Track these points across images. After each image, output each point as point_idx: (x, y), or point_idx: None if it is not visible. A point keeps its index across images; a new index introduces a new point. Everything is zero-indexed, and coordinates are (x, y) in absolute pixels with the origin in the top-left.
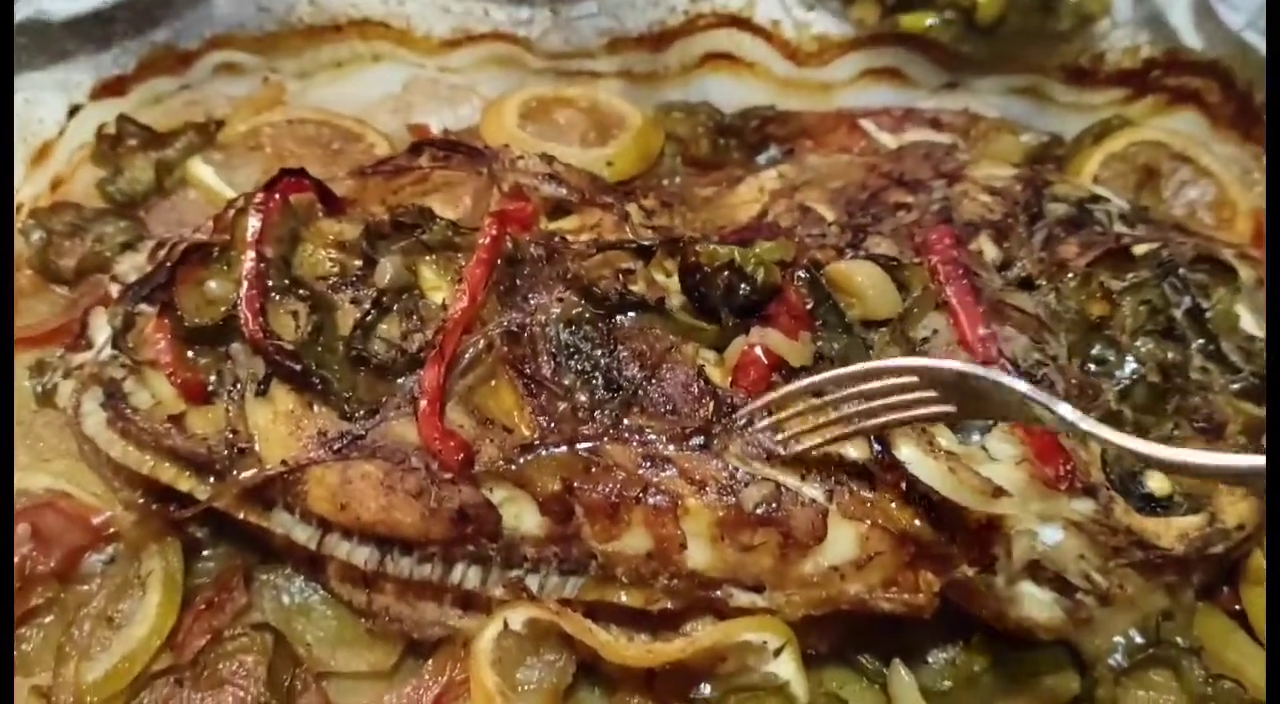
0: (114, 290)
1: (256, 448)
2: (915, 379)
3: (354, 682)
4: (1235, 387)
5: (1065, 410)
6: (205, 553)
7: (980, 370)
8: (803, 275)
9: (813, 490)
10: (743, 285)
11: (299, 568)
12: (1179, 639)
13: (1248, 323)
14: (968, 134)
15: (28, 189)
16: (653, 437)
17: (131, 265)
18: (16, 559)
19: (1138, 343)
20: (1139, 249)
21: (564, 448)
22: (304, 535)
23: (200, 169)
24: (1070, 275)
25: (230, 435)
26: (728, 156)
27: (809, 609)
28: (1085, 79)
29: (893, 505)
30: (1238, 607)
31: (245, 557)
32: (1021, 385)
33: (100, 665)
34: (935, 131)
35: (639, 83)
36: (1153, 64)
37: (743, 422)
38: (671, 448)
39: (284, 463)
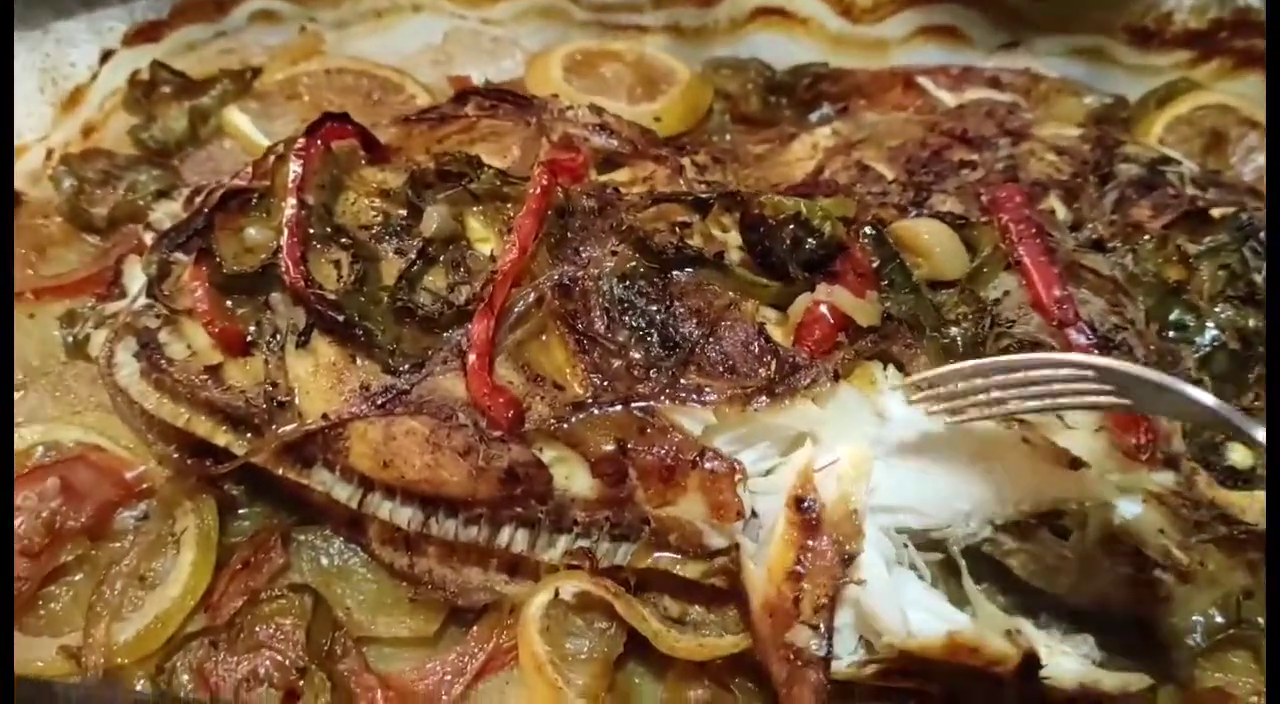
0: (148, 239)
1: (296, 401)
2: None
3: (395, 648)
4: None
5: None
6: (241, 511)
7: (1168, 380)
8: (869, 232)
9: None
10: (809, 240)
11: (339, 529)
12: (1260, 619)
13: None
14: (1028, 95)
15: (58, 135)
16: (712, 396)
17: (166, 213)
18: (46, 514)
19: (1217, 308)
20: (1216, 212)
21: (618, 407)
22: (345, 494)
23: (237, 117)
24: (1146, 237)
25: (269, 388)
26: (778, 114)
27: None
28: (1150, 40)
29: None
30: None
31: (283, 516)
32: (1209, 399)
33: (132, 626)
34: (995, 91)
35: (687, 38)
36: (1220, 25)
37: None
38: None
39: (325, 417)
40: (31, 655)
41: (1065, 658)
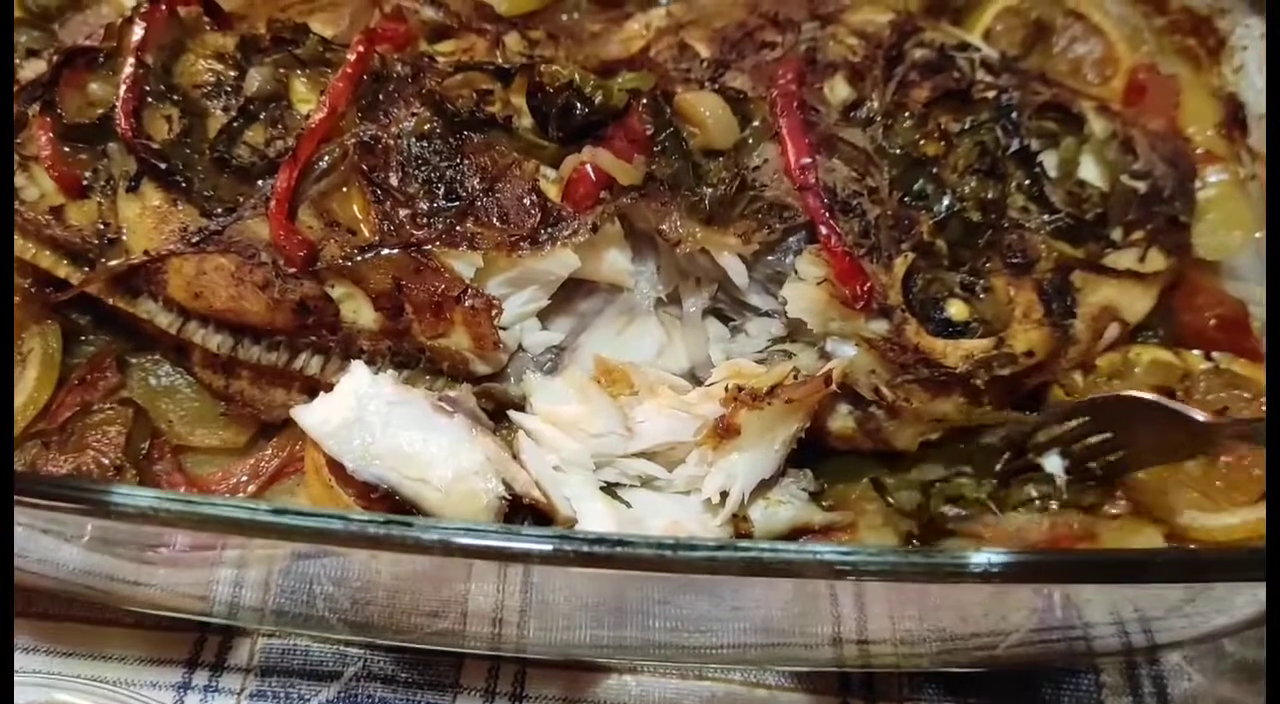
0: None
1: (125, 239)
2: None
3: (210, 456)
4: (1051, 226)
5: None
6: (86, 338)
7: None
8: (646, 102)
9: None
10: (580, 106)
11: (167, 354)
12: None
13: (1088, 172)
14: None
15: None
16: (482, 243)
17: (33, 70)
18: None
19: (963, 181)
20: (979, 93)
21: (398, 250)
22: (166, 321)
23: None
24: (906, 114)
25: (102, 227)
26: None
27: None
28: None
29: None
30: None
31: (121, 343)
32: None
33: None
34: None
35: None
36: None
37: None
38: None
39: (146, 253)
40: None
41: (782, 507)
